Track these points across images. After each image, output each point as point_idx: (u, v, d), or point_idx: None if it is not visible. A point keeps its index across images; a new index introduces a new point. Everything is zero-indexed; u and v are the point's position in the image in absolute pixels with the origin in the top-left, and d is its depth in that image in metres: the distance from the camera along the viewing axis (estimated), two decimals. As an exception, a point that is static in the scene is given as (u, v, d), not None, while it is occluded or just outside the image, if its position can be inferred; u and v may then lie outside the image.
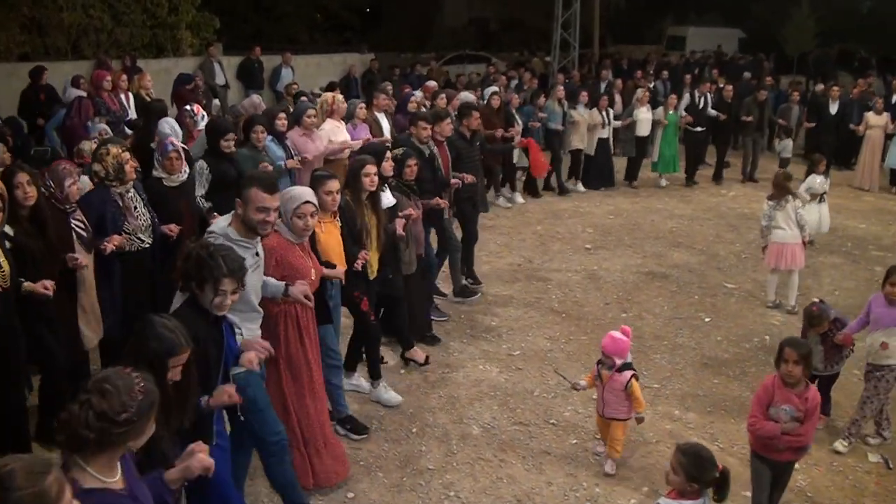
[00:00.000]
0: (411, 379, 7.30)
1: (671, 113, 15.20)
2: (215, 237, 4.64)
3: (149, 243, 6.56)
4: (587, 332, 8.36)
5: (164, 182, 7.02)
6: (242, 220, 4.77)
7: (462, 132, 9.46)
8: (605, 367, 5.87)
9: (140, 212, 6.52)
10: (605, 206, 13.78)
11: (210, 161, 7.72)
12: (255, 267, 4.75)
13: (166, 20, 21.76)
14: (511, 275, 10.15)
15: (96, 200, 6.36)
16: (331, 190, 5.84)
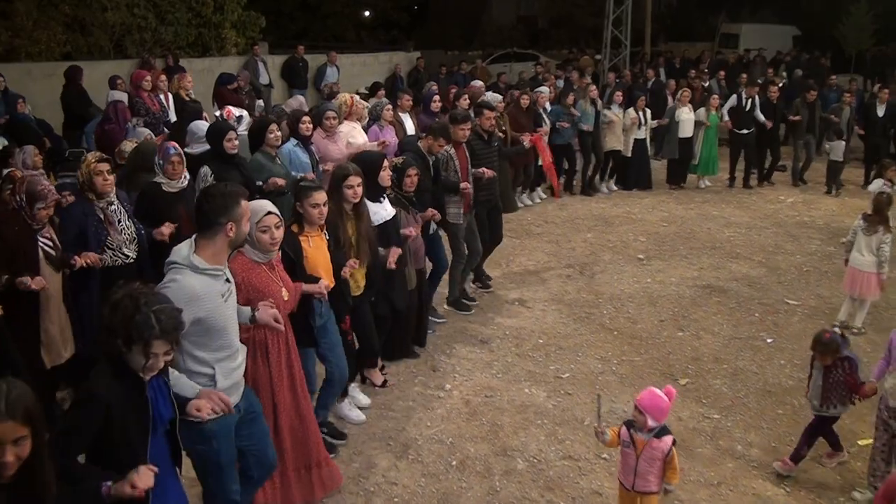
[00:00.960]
0: (451, 403, 6.83)
1: (713, 114, 14.58)
2: (178, 269, 4.10)
3: (133, 257, 6.30)
4: (640, 352, 7.84)
5: (164, 187, 6.78)
6: (230, 242, 4.26)
7: (478, 132, 9.08)
8: (639, 430, 4.84)
9: (124, 225, 6.28)
10: (658, 213, 13.20)
11: (214, 166, 7.41)
12: (227, 295, 4.30)
13: (211, 19, 21.61)
14: (560, 287, 9.64)
15: (77, 213, 6.17)
16: (317, 202, 5.48)
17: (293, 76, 20.20)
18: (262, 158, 7.94)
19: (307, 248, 5.51)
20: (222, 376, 4.28)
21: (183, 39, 21.21)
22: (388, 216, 6.66)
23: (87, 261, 5.92)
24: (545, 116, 13.21)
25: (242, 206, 4.23)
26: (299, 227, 5.55)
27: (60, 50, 18.58)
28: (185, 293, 3.98)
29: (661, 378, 7.21)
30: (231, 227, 4.17)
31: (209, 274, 4.14)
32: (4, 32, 17.78)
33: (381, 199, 6.64)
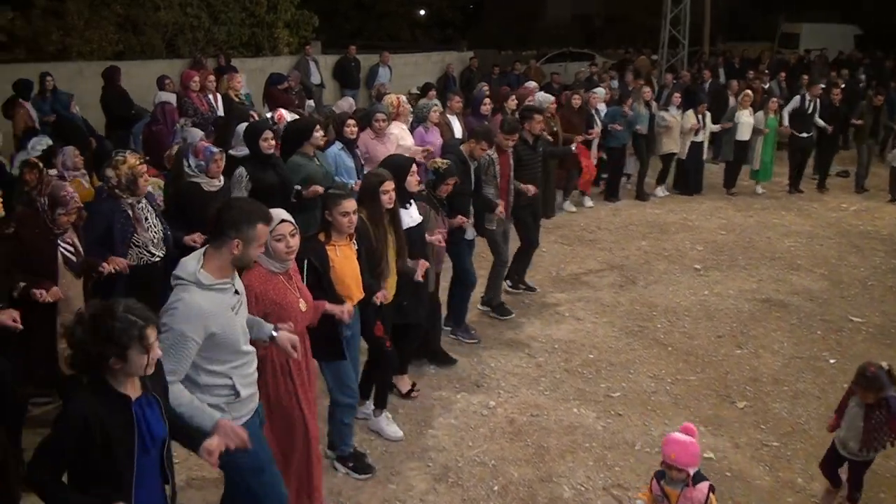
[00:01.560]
0: (495, 422, 6.52)
1: (772, 117, 14.10)
2: (183, 286, 3.90)
3: (160, 256, 6.24)
4: (696, 370, 7.47)
5: (203, 187, 6.77)
6: (233, 259, 4.02)
7: (525, 137, 8.72)
8: (671, 483, 4.43)
9: (151, 223, 6.25)
10: (716, 220, 12.74)
11: (250, 167, 7.27)
12: (237, 307, 4.12)
13: (265, 18, 21.53)
14: (613, 298, 9.28)
15: (105, 210, 6.09)
16: (347, 210, 5.24)
17: (345, 76, 20.06)
18: (300, 159, 7.70)
19: (334, 259, 5.29)
20: (241, 385, 4.15)
21: (236, 39, 21.18)
22: (414, 223, 6.41)
23: (115, 266, 5.84)
24: (597, 118, 12.87)
25: (258, 229, 4.00)
26: (326, 236, 5.34)
27: (113, 49, 18.60)
28: (192, 312, 3.83)
29: (718, 400, 6.85)
30: (238, 244, 3.95)
31: (216, 289, 3.96)
32: (56, 32, 17.85)
33: (408, 205, 6.39)
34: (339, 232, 5.30)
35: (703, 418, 6.54)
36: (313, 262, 5.09)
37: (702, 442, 6.01)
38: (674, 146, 13.82)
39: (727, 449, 6.11)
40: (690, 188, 14.40)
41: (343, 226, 5.26)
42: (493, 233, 8.37)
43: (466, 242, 7.92)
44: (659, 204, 13.78)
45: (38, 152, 9.32)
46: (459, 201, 7.44)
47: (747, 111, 14.07)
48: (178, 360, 3.82)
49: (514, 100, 11.37)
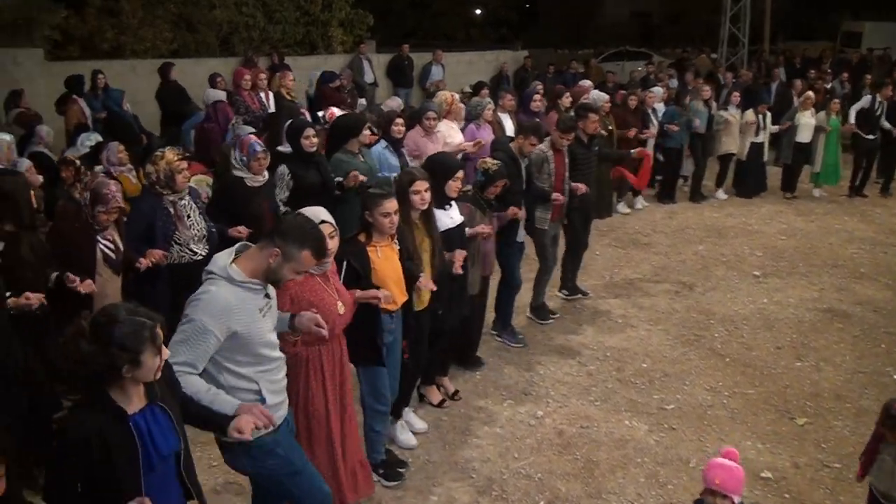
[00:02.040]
0: (543, 433, 6.30)
1: (834, 118, 13.56)
2: (213, 279, 3.81)
3: (202, 255, 6.13)
4: (755, 383, 7.15)
5: (247, 182, 6.75)
6: (266, 268, 3.87)
7: (580, 136, 8.48)
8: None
9: (194, 220, 6.20)
10: (776, 225, 12.34)
11: (292, 165, 7.21)
12: (266, 310, 3.96)
13: (319, 17, 21.50)
14: (668, 305, 8.98)
15: (146, 208, 6.07)
16: (388, 211, 5.08)
17: (398, 75, 19.94)
18: (344, 156, 7.57)
19: (375, 260, 5.12)
20: (269, 392, 3.99)
21: (290, 38, 21.22)
22: (454, 224, 6.16)
23: (152, 259, 5.77)
24: (653, 118, 12.59)
25: (303, 255, 3.87)
26: (367, 237, 5.19)
27: (167, 47, 18.73)
28: (217, 305, 3.72)
29: (777, 416, 6.55)
30: (276, 256, 3.81)
31: (246, 287, 3.83)
32: (110, 30, 18.01)
33: (447, 206, 6.13)
34: (380, 232, 5.15)
35: (760, 435, 6.25)
36: (353, 263, 4.98)
37: (759, 460, 5.80)
38: (732, 146, 13.44)
39: (786, 469, 5.81)
40: (749, 191, 13.96)
41: (384, 226, 5.11)
42: (544, 235, 8.15)
43: (517, 245, 7.69)
44: (717, 207, 13.39)
45: (87, 148, 9.35)
46: (510, 200, 7.16)
47: (808, 112, 13.63)
48: (195, 352, 3.69)
49: (568, 98, 11.22)
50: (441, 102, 9.22)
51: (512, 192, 7.11)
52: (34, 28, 16.49)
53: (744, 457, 5.72)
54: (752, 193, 13.95)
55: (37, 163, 8.70)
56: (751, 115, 13.19)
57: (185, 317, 3.70)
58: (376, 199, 5.10)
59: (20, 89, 12.14)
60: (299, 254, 3.83)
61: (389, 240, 5.26)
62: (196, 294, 3.79)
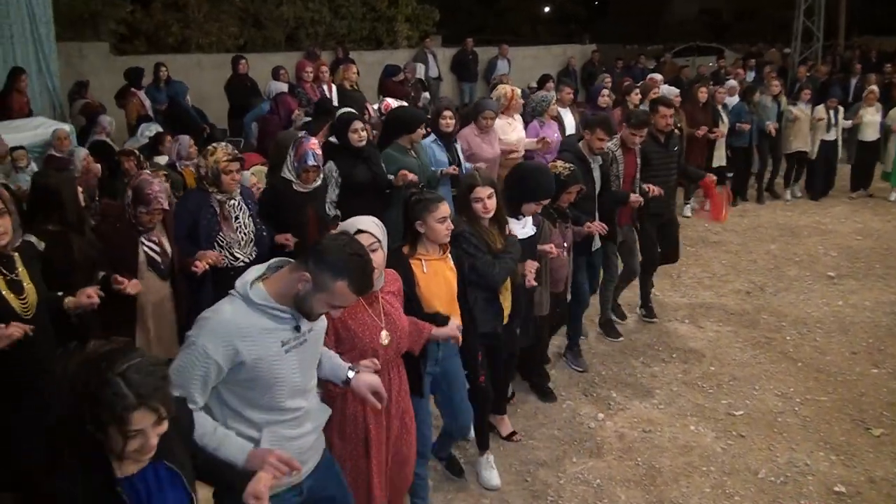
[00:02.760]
0: (603, 436, 6.03)
1: None
2: (231, 297, 3.21)
3: (245, 261, 5.59)
4: (828, 390, 6.77)
5: (294, 186, 6.18)
6: (295, 295, 3.19)
7: (654, 134, 7.69)
8: None
9: (242, 223, 5.70)
10: (851, 224, 11.86)
11: (340, 160, 6.75)
12: (292, 346, 3.25)
13: (385, 13, 21.47)
14: (738, 305, 8.62)
15: (192, 203, 5.66)
16: (444, 215, 4.50)
17: (462, 69, 19.81)
18: (394, 151, 7.16)
19: (420, 275, 4.51)
20: (270, 445, 3.23)
21: (356, 33, 21.20)
22: (524, 236, 5.52)
23: (208, 262, 5.31)
24: (723, 115, 11.97)
25: (337, 287, 3.13)
26: (411, 248, 4.60)
27: (234, 42, 18.82)
28: (223, 326, 3.10)
29: (852, 425, 6.17)
30: (305, 282, 3.14)
31: (268, 313, 3.17)
32: (176, 24, 18.12)
33: (520, 217, 5.56)
34: (431, 241, 4.56)
35: (834, 445, 5.89)
36: None
37: (832, 473, 5.50)
38: (802, 144, 12.77)
39: (861, 484, 5.45)
40: (818, 191, 13.33)
41: (440, 234, 4.51)
42: (621, 245, 7.60)
43: (584, 255, 7.00)
44: (790, 206, 12.93)
45: (146, 139, 9.34)
46: (584, 206, 6.61)
47: (872, 108, 12.97)
48: (189, 383, 3.08)
49: (637, 93, 10.69)
50: (500, 96, 8.68)
51: (586, 198, 6.61)
52: (100, 22, 16.65)
53: (816, 469, 5.51)
54: (820, 194, 13.32)
55: (98, 152, 8.73)
56: (821, 110, 12.60)
57: (188, 339, 3.13)
58: (429, 204, 4.48)
59: (85, 80, 12.25)
60: (333, 284, 3.13)
61: (441, 251, 4.64)
62: (206, 312, 3.21)
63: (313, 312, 3.23)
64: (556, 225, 6.01)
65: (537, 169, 5.79)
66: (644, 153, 7.53)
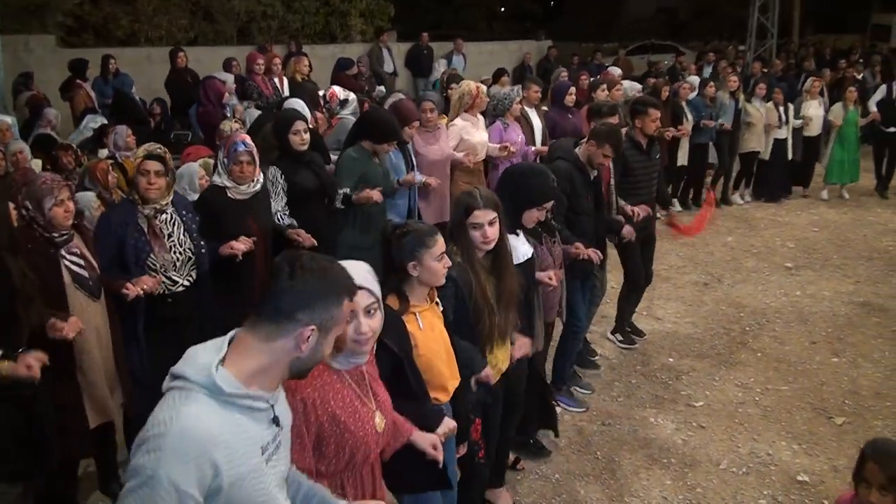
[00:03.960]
0: (562, 430, 5.79)
1: (851, 110, 12.52)
2: (183, 392, 2.17)
3: (184, 285, 4.75)
4: (788, 380, 6.69)
5: (229, 193, 5.21)
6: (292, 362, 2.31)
7: (635, 138, 6.79)
8: None
9: (176, 241, 4.74)
10: (807, 216, 11.86)
11: (284, 165, 5.86)
12: (272, 450, 2.34)
13: (339, 7, 21.24)
14: (696, 297, 8.55)
15: (116, 219, 4.66)
16: (442, 250, 3.54)
17: (417, 65, 19.60)
18: (356, 154, 6.19)
19: (417, 334, 3.50)
20: None
21: (310, 28, 20.96)
22: (523, 257, 4.60)
23: (142, 287, 4.38)
24: (688, 112, 11.52)
25: (344, 306, 2.36)
26: (401, 300, 3.55)
27: (184, 36, 18.52)
28: (192, 441, 2.10)
29: (814, 414, 6.09)
30: (311, 333, 2.26)
31: (243, 406, 2.23)
32: (125, 17, 17.81)
33: (518, 233, 4.68)
34: (424, 285, 3.59)
35: (796, 435, 5.80)
36: (389, 344, 3.25)
37: (795, 463, 5.42)
38: (756, 144, 12.31)
39: (824, 472, 5.36)
40: (774, 192, 12.87)
41: (440, 275, 3.56)
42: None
43: (581, 278, 6.03)
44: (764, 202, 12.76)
45: (90, 131, 9.09)
46: (581, 225, 5.77)
47: (816, 101, 12.58)
48: None
49: (603, 89, 9.78)
50: (463, 94, 7.90)
51: (582, 214, 5.76)
52: (47, 14, 16.27)
53: (778, 459, 5.42)
54: (777, 196, 12.89)
55: (42, 146, 8.44)
56: (772, 110, 12.16)
57: (136, 469, 2.09)
58: (425, 239, 3.50)
59: (30, 71, 11.91)
60: (338, 310, 2.33)
61: (429, 299, 3.67)
62: (151, 425, 2.15)
63: (319, 360, 2.42)
64: (541, 241, 5.06)
65: (532, 169, 5.06)
66: (624, 161, 6.58)
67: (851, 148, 12.71)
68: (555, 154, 6.01)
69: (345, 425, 2.77)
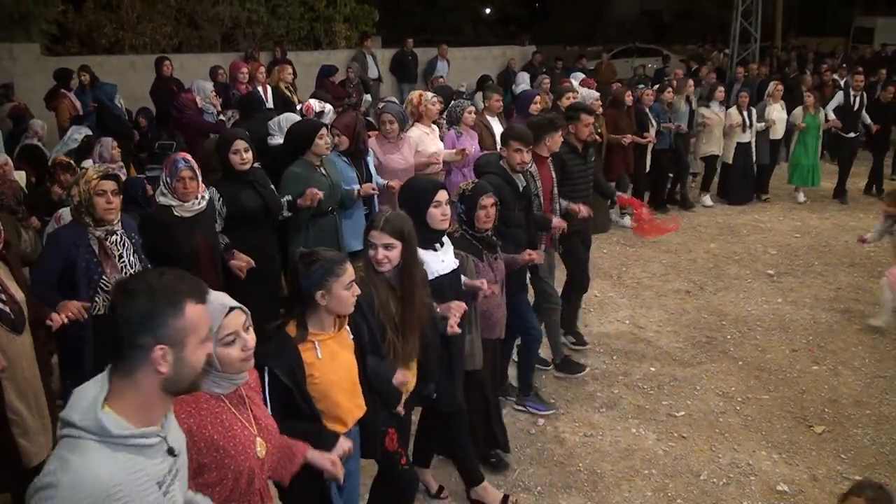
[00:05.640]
0: (544, 441, 5.92)
1: (811, 115, 12.66)
2: (71, 441, 2.14)
3: None
4: (770, 388, 6.75)
5: (175, 211, 5.29)
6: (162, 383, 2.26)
7: (571, 143, 7.00)
8: None
9: (127, 261, 4.80)
10: (789, 222, 11.93)
11: (225, 186, 5.88)
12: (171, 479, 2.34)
13: (323, 13, 21.23)
14: (678, 305, 8.59)
15: (66, 241, 4.68)
16: (351, 278, 3.48)
17: (402, 70, 19.61)
18: (299, 169, 6.24)
19: (314, 364, 3.43)
20: None
21: (295, 34, 20.95)
22: (447, 269, 4.57)
23: (67, 315, 4.32)
24: (652, 119, 11.56)
25: (187, 313, 2.26)
26: (299, 329, 3.47)
27: (168, 43, 18.49)
28: (84, 494, 2.08)
29: (794, 423, 6.15)
30: (162, 352, 2.21)
31: (134, 445, 2.20)
32: (109, 25, 17.79)
33: (437, 247, 4.57)
34: (330, 314, 3.51)
35: (776, 444, 5.86)
36: (278, 374, 3.30)
37: (775, 472, 5.47)
38: (715, 147, 12.46)
39: (804, 482, 5.41)
40: (739, 196, 12.95)
41: (349, 304, 3.49)
42: (537, 268, 6.54)
43: (525, 291, 6.29)
44: (728, 206, 12.88)
45: (76, 143, 9.07)
46: (514, 236, 5.76)
47: (779, 105, 12.79)
48: None
49: (569, 98, 9.13)
50: (407, 103, 7.97)
51: (513, 226, 5.78)
52: (31, 22, 16.21)
53: (758, 468, 5.46)
54: (743, 199, 12.96)
55: (29, 157, 8.44)
56: (735, 114, 12.30)
57: None
58: (335, 267, 3.43)
59: (10, 82, 11.87)
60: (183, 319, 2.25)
61: (335, 326, 3.57)
62: (46, 473, 2.12)
63: (196, 377, 2.35)
64: (482, 258, 5.07)
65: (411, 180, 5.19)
66: (562, 165, 6.86)
67: (812, 152, 12.88)
68: (482, 169, 6.04)
69: (224, 451, 2.75)
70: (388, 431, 4.02)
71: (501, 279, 5.22)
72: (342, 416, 3.57)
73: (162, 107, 12.16)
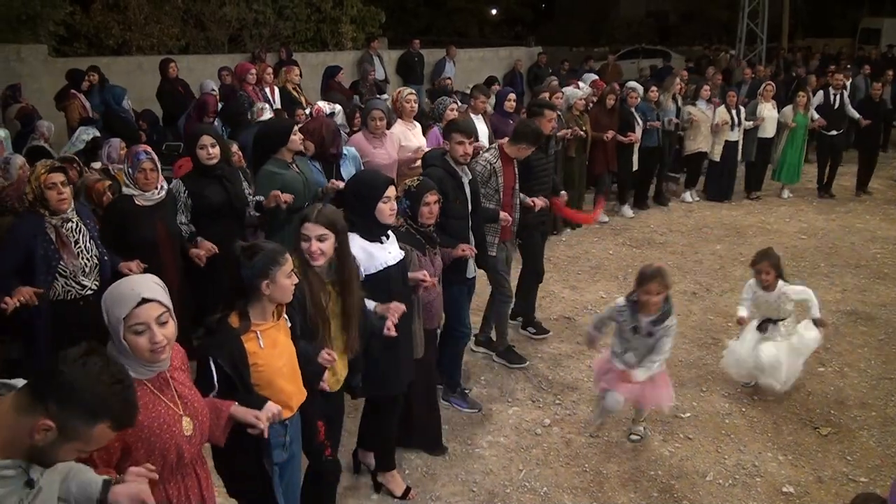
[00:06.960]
0: (550, 442, 5.94)
1: (800, 113, 12.85)
2: None
3: (93, 289, 5.10)
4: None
5: (136, 200, 5.66)
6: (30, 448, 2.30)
7: None
8: None
9: (83, 247, 5.11)
10: (796, 224, 11.94)
11: (190, 180, 6.14)
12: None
13: (330, 14, 21.24)
14: (684, 307, 8.58)
15: (24, 231, 4.96)
16: (291, 267, 3.63)
17: (408, 71, 19.62)
18: (273, 167, 6.25)
19: (257, 353, 3.55)
20: None
21: (301, 35, 20.97)
22: (393, 261, 4.70)
23: (20, 299, 4.63)
24: (638, 118, 11.66)
25: (96, 432, 2.34)
26: (241, 318, 3.56)
27: (175, 44, 18.53)
28: None
29: (799, 425, 6.17)
30: (45, 431, 2.26)
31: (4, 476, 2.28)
32: (117, 26, 17.83)
33: (383, 239, 4.70)
34: (270, 304, 3.62)
35: (781, 446, 5.87)
36: (222, 365, 3.43)
37: (781, 474, 5.48)
38: (704, 145, 12.58)
39: (809, 484, 5.43)
40: (719, 193, 13.17)
41: (287, 292, 3.60)
42: (494, 260, 6.80)
43: (467, 283, 6.35)
44: (735, 206, 12.95)
45: (83, 144, 9.09)
46: (455, 229, 5.93)
47: (770, 104, 12.90)
48: None
49: (558, 97, 10.27)
50: (386, 99, 8.28)
51: (455, 218, 5.93)
52: (39, 23, 16.21)
53: (764, 470, 5.48)
54: (722, 197, 13.17)
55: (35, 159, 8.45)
56: (723, 112, 12.45)
57: None
58: (277, 256, 3.55)
59: (17, 83, 11.88)
60: (90, 430, 2.30)
61: (275, 316, 3.69)
62: None
63: (56, 461, 2.38)
64: (424, 252, 5.17)
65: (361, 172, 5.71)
66: (526, 160, 6.95)
67: (799, 151, 13.11)
68: (428, 163, 6.24)
69: (149, 429, 2.90)
70: (318, 424, 4.16)
71: (439, 273, 5.35)
72: (287, 401, 3.71)
73: (168, 108, 12.21)
